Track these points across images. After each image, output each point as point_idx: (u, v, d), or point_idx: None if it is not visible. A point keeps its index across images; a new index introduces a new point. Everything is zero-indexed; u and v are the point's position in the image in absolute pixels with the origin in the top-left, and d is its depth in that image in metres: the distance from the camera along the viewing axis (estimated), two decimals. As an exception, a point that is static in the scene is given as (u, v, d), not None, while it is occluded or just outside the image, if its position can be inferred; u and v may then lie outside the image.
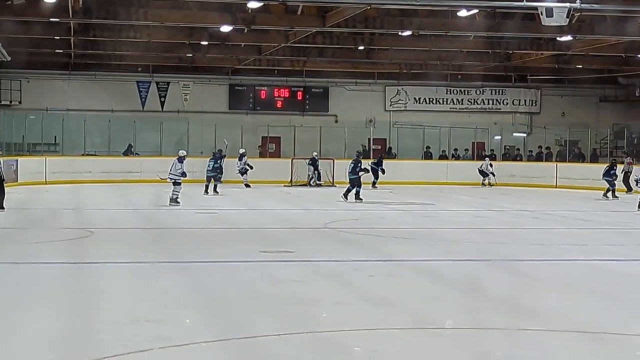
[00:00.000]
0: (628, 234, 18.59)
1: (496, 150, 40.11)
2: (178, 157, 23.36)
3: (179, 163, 23.09)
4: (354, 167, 25.84)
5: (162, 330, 8.25)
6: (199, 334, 8.21)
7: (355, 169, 25.72)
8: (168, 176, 23.28)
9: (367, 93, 40.32)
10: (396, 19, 25.62)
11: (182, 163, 23.08)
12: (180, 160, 23.15)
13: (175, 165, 23.13)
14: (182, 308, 9.45)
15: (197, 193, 25.16)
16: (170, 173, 23.11)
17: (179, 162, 23.13)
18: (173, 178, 22.98)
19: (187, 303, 9.75)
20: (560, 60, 34.04)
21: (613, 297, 10.51)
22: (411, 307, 9.71)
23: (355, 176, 25.64)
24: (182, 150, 24.42)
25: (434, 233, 17.79)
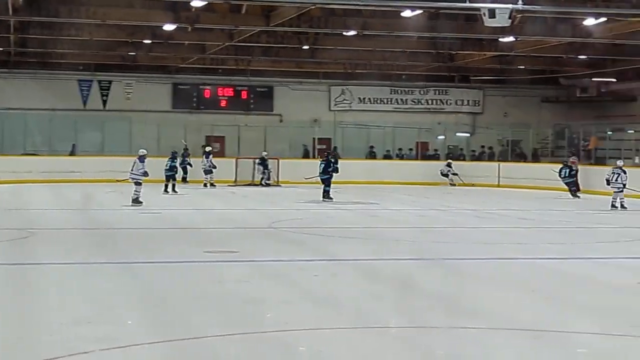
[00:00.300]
0: (568, 232, 18.83)
1: (440, 150, 40.39)
2: (139, 157, 23.15)
3: (140, 162, 22.88)
4: (324, 167, 26.26)
5: (104, 332, 8.15)
6: (142, 335, 8.12)
7: (327, 169, 26.12)
8: (129, 176, 23.06)
9: (312, 93, 40.31)
10: (340, 18, 25.66)
11: (143, 162, 22.88)
12: (141, 160, 22.94)
13: (136, 164, 22.90)
14: (125, 309, 9.35)
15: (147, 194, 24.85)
16: (132, 173, 22.90)
17: (139, 161, 22.92)
18: (135, 178, 22.76)
19: (130, 304, 9.65)
20: (503, 61, 34.38)
21: (554, 295, 10.62)
22: (355, 307, 9.71)
23: (326, 176, 26.04)
24: (142, 149, 24.12)
25: (378, 232, 17.84)
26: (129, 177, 23.15)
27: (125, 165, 24.50)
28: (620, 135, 35.65)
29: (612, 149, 34.90)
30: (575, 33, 26.21)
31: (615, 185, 24.33)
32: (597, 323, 8.97)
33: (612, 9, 22.40)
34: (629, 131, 35.21)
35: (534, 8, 20.22)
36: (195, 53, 33.42)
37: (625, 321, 9.01)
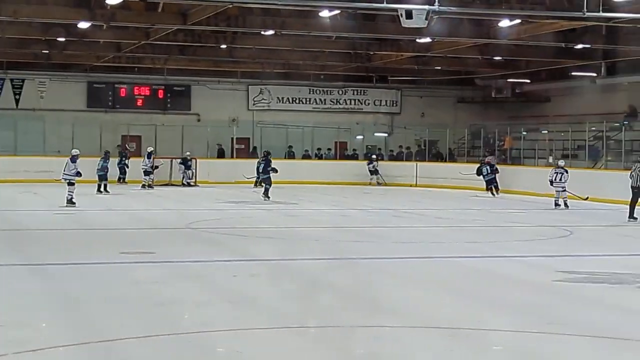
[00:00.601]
0: (484, 231, 19.08)
1: (358, 150, 40.58)
2: (71, 157, 22.89)
3: (72, 163, 22.58)
4: (264, 166, 26.88)
5: (17, 335, 7.95)
6: (56, 338, 7.95)
7: (266, 168, 26.68)
8: (62, 176, 22.68)
9: (230, 92, 40.12)
10: (258, 18, 25.55)
11: (75, 163, 22.59)
12: (73, 160, 22.66)
13: (68, 165, 22.56)
14: (38, 311, 9.15)
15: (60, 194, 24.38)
16: (64, 173, 22.58)
17: (71, 161, 22.64)
18: (67, 178, 22.40)
19: (44, 306, 9.44)
20: (420, 61, 34.65)
21: (470, 294, 10.72)
22: (274, 307, 9.67)
23: (266, 175, 26.61)
24: (75, 149, 23.93)
25: (297, 232, 17.83)
26: (61, 177, 22.80)
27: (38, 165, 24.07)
28: (535, 135, 36.27)
29: (527, 149, 35.50)
30: (491, 34, 26.55)
31: (559, 184, 24.92)
32: (512, 321, 9.08)
33: (527, 11, 22.74)
34: (543, 131, 35.85)
35: (450, 9, 20.39)
36: (111, 51, 32.96)
37: (539, 319, 9.13)
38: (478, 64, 35.10)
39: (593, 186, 26.99)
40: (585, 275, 11.85)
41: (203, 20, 24.34)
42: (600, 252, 15.18)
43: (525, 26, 25.05)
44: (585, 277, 11.71)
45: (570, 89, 37.67)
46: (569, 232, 18.43)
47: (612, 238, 17.79)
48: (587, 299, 10.41)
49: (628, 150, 30.05)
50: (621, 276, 11.80)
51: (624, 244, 16.65)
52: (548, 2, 22.90)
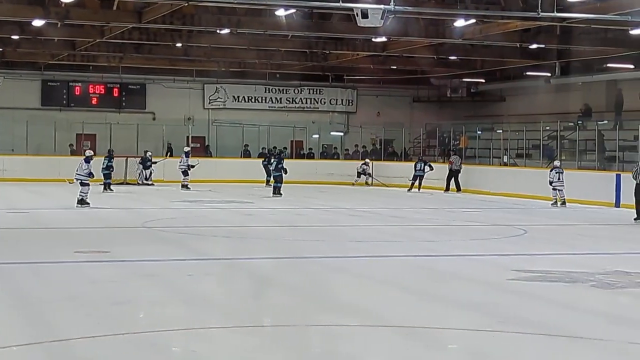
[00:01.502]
0: (439, 230, 19.18)
1: (314, 149, 40.62)
2: (85, 157, 22.71)
3: (86, 163, 22.45)
4: (276, 164, 27.87)
5: (-32, 336, 7.85)
6: (9, 338, 7.84)
7: (278, 166, 27.68)
8: (75, 177, 22.64)
9: (186, 90, 39.97)
10: (214, 16, 25.46)
11: (89, 163, 22.46)
12: (87, 161, 22.52)
13: (82, 165, 22.44)
14: (-10, 312, 9.05)
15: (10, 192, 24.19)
16: (77, 174, 22.54)
17: (85, 162, 22.50)
18: (80, 179, 22.27)
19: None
20: (376, 60, 34.76)
21: (425, 292, 10.78)
22: (229, 306, 9.65)
23: (278, 173, 27.65)
24: (89, 150, 24.13)
25: (253, 231, 17.80)
26: (74, 178, 22.72)
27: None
28: (490, 134, 36.55)
29: (482, 148, 35.75)
30: (446, 34, 26.70)
31: (559, 184, 25.21)
32: (466, 319, 9.13)
33: (481, 11, 22.91)
34: (498, 131, 36.14)
35: (406, 9, 20.48)
36: (66, 49, 32.65)
37: (493, 317, 9.20)
38: (433, 63, 35.26)
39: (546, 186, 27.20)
40: (539, 274, 11.95)
41: (158, 18, 24.21)
42: (554, 251, 15.31)
43: (480, 26, 25.25)
44: (539, 276, 11.81)
45: (525, 88, 38.02)
46: (523, 231, 18.59)
47: (566, 237, 17.97)
48: (540, 297, 10.49)
49: (582, 150, 30.39)
50: (575, 275, 11.92)
51: (577, 243, 16.82)
52: (503, 2, 23.09)
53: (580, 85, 35.06)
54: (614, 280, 11.59)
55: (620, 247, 16.20)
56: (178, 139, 38.13)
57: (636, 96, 32.70)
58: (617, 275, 12.04)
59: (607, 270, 12.37)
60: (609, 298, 10.59)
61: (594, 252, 15.34)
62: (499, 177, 29.99)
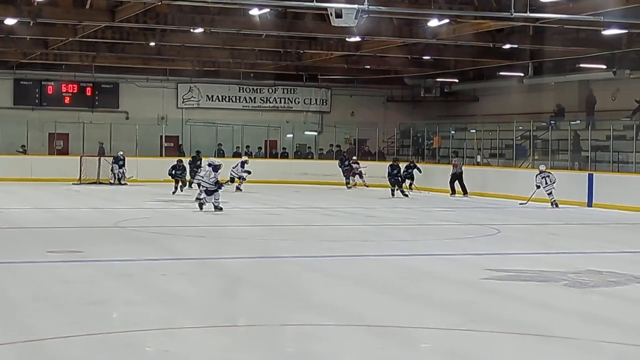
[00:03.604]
0: (413, 229, 19.23)
1: (288, 149, 40.59)
2: (214, 166, 21.90)
3: (214, 172, 21.72)
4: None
5: (-61, 337, 7.78)
6: (-20, 340, 7.79)
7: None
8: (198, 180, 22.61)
9: (159, 90, 39.81)
10: (188, 15, 25.37)
11: (217, 172, 21.78)
12: (215, 169, 21.76)
13: (209, 173, 21.64)
14: (-38, 312, 8.97)
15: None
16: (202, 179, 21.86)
17: (214, 170, 21.75)
18: (206, 186, 21.73)
19: (-32, 307, 9.26)
20: (350, 60, 34.78)
21: (399, 292, 10.79)
22: (203, 305, 9.63)
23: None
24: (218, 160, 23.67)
25: (227, 231, 17.76)
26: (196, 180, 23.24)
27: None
28: (463, 134, 36.69)
29: (456, 148, 35.84)
30: (420, 34, 26.76)
31: (549, 187, 24.91)
32: (440, 318, 9.15)
33: (455, 11, 22.99)
34: (471, 130, 36.28)
35: (380, 9, 20.50)
36: (38, 48, 32.41)
37: (467, 316, 9.23)
38: (407, 63, 35.33)
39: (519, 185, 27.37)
40: (513, 274, 12.00)
41: (131, 17, 24.09)
42: (528, 251, 15.38)
43: (454, 26, 25.31)
44: (512, 275, 11.86)
45: (498, 88, 38.18)
46: (496, 230, 18.67)
47: (539, 236, 18.05)
48: (514, 296, 10.54)
49: (555, 150, 30.57)
50: (548, 274, 11.98)
51: (550, 242, 16.90)
52: (476, 3, 23.17)
53: (553, 85, 35.26)
54: (586, 279, 11.67)
55: (592, 247, 16.32)
56: (151, 138, 38.00)
57: (608, 96, 32.96)
58: (589, 274, 12.11)
59: (579, 270, 12.45)
60: (581, 297, 10.65)
61: (567, 252, 15.43)
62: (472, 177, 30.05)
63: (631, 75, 31.05)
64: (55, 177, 32.97)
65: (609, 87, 32.89)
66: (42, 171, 32.45)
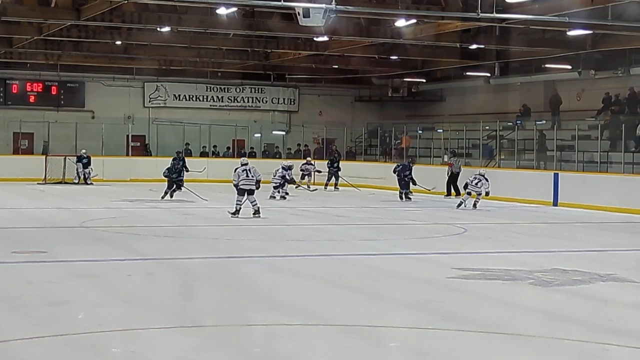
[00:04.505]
0: (381, 229, 19.25)
1: (256, 148, 40.52)
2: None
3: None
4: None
5: None
6: (-57, 341, 7.70)
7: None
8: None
9: (125, 89, 39.58)
10: (154, 14, 25.27)
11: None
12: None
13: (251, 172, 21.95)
14: None
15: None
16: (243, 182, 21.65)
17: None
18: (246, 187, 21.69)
19: None
20: (317, 60, 34.79)
21: (366, 291, 10.80)
22: (171, 306, 9.58)
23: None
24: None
25: (193, 231, 17.69)
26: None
27: None
28: (431, 134, 36.82)
29: (423, 147, 36.00)
30: (387, 34, 26.83)
31: (474, 189, 23.81)
32: (408, 317, 9.18)
33: (422, 11, 23.08)
34: (438, 130, 36.40)
35: (347, 9, 20.52)
36: (2, 47, 32.08)
37: (434, 315, 9.26)
38: (375, 63, 35.42)
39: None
40: (479, 272, 12.05)
41: (97, 15, 23.93)
42: (494, 249, 15.47)
43: (421, 26, 25.40)
44: (478, 274, 11.91)
45: (465, 88, 38.36)
46: (463, 229, 18.74)
47: (505, 235, 18.16)
48: (480, 295, 10.59)
49: (521, 150, 30.74)
50: (513, 273, 12.04)
51: (516, 241, 17.00)
52: (443, 3, 23.27)
53: (519, 85, 35.47)
54: (551, 277, 11.74)
55: (558, 245, 16.42)
56: (118, 137, 37.78)
57: (573, 96, 33.21)
58: (554, 273, 12.19)
59: (545, 268, 12.53)
60: (546, 295, 10.72)
61: (533, 250, 15.51)
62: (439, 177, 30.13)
63: (596, 75, 31.32)
64: (20, 177, 32.69)
65: (574, 87, 33.14)
66: (7, 171, 32.15)
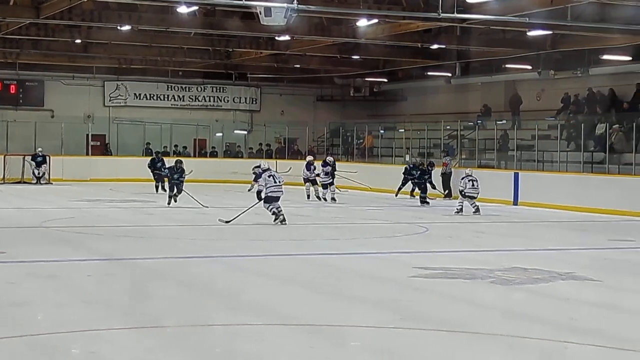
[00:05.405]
0: (343, 228, 19.28)
1: (218, 148, 40.39)
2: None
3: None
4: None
5: None
6: None
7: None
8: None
9: (85, 88, 39.26)
10: (114, 12, 25.09)
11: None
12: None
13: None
14: None
15: None
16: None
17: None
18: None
19: None
20: (279, 59, 34.74)
21: (329, 290, 10.79)
22: (131, 306, 9.52)
23: None
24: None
25: (154, 231, 17.59)
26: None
27: None
28: (392, 133, 36.92)
29: (385, 147, 36.09)
30: (349, 34, 26.85)
31: (471, 192, 22.62)
32: (370, 316, 9.18)
33: (384, 11, 23.12)
34: (400, 130, 36.51)
35: (309, 8, 20.51)
36: (-40, 45, 31.77)
37: (396, 314, 9.27)
38: (337, 62, 35.44)
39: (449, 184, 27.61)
40: (440, 271, 12.10)
41: (57, 14, 23.70)
42: (455, 248, 15.55)
43: (383, 26, 25.46)
44: (440, 273, 11.95)
45: (426, 88, 38.50)
46: (425, 228, 18.81)
47: (466, 234, 18.24)
48: (441, 294, 10.62)
49: (482, 149, 30.92)
50: (474, 272, 12.10)
51: (477, 240, 17.10)
52: (405, 3, 23.33)
53: (480, 85, 35.67)
54: (512, 276, 11.81)
55: (518, 244, 16.54)
56: (77, 137, 37.47)
57: (533, 96, 33.46)
58: (515, 271, 12.27)
59: (505, 267, 12.60)
60: (506, 294, 10.78)
61: (493, 249, 15.61)
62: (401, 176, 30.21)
63: (555, 75, 31.56)
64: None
65: (534, 87, 33.38)
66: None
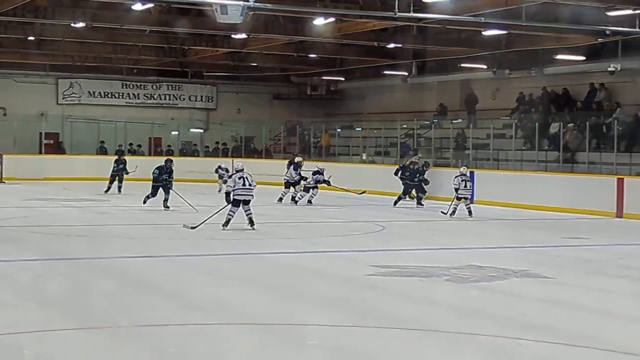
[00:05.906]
0: (299, 227, 19.25)
1: (173, 146, 40.13)
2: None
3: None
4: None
5: None
6: None
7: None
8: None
9: (38, 85, 38.81)
10: (68, 9, 24.82)
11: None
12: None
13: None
14: None
15: None
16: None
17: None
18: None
19: None
20: (236, 57, 34.60)
21: (285, 289, 10.75)
22: (84, 306, 9.40)
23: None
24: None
25: (109, 230, 17.43)
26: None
27: None
28: (349, 132, 36.95)
29: (342, 145, 36.11)
30: (306, 32, 26.80)
31: (464, 193, 21.86)
32: (326, 315, 9.14)
33: (340, 10, 23.09)
34: (357, 129, 36.54)
35: (265, 6, 20.41)
36: None
37: (353, 312, 9.25)
38: (293, 61, 35.38)
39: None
40: (396, 269, 12.11)
41: (9, 10, 23.36)
42: (411, 247, 15.58)
43: (340, 25, 25.44)
44: (396, 271, 11.96)
45: (383, 87, 38.55)
46: (381, 227, 18.82)
47: (422, 233, 18.29)
48: (398, 292, 10.62)
49: (437, 148, 31.04)
50: (430, 270, 12.12)
51: (433, 239, 17.15)
52: (361, 2, 23.34)
53: (436, 84, 35.79)
54: (467, 274, 11.85)
55: (474, 242, 16.61)
56: (31, 135, 37.04)
57: (489, 95, 33.65)
58: (470, 269, 12.32)
59: (461, 265, 12.64)
60: (461, 292, 10.81)
61: (449, 247, 15.66)
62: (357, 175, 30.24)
63: (510, 75, 31.76)
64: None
65: (489, 86, 33.56)
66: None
